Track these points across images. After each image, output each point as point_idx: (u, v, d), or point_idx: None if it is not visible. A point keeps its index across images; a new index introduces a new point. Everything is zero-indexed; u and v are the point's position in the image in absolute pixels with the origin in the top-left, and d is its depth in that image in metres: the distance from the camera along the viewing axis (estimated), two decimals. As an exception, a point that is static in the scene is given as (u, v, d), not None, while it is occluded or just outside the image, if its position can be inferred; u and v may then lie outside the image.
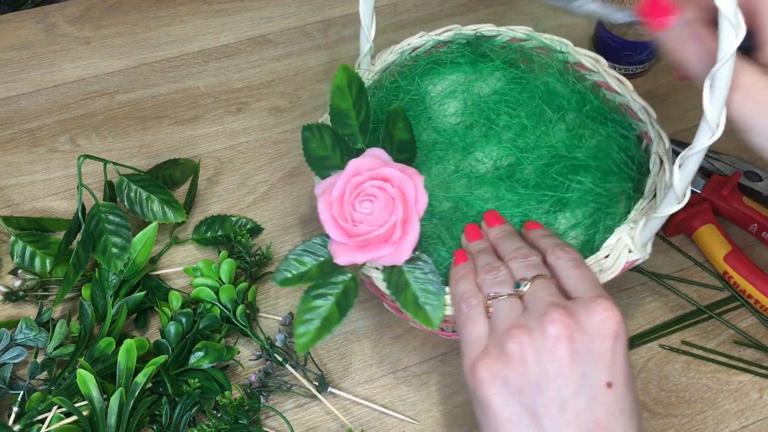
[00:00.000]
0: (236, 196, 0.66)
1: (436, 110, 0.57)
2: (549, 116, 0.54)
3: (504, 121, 0.54)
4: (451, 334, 0.55)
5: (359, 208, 0.45)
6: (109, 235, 0.57)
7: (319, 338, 0.45)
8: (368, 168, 0.46)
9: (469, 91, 0.57)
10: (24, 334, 0.54)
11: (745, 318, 0.59)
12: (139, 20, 0.79)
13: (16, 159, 0.69)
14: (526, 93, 0.56)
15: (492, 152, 0.54)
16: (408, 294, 0.46)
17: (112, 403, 0.49)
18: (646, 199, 0.50)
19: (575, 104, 0.55)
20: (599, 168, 0.52)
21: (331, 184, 0.47)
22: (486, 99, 0.56)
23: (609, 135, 0.54)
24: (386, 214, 0.45)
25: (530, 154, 0.53)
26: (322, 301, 0.46)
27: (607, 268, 0.48)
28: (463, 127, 0.55)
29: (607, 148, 0.53)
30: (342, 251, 0.46)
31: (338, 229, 0.46)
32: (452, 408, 0.55)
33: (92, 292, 0.56)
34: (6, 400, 0.54)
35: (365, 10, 0.52)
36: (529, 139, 0.53)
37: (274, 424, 0.54)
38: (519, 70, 0.58)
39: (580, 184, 0.51)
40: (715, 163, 0.67)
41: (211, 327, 0.55)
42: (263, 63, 0.76)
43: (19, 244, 0.58)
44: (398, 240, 0.45)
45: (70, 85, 0.74)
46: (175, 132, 0.71)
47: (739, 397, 0.56)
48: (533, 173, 0.52)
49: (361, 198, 0.45)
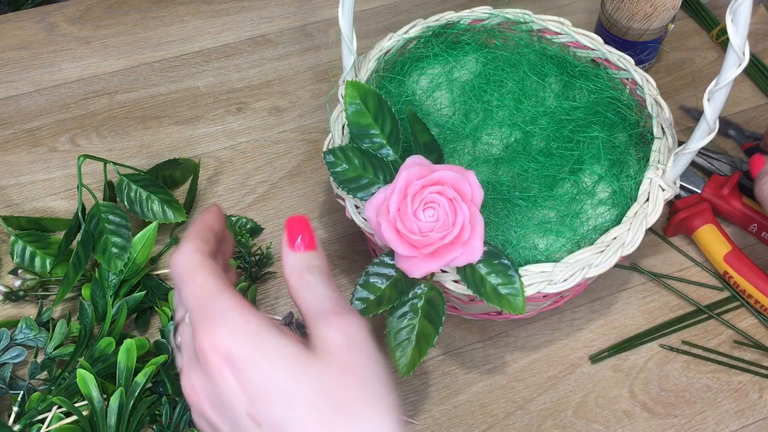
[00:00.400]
0: (236, 196, 0.66)
1: (429, 106, 0.57)
2: (536, 85, 0.56)
3: (496, 101, 0.56)
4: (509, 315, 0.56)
5: (424, 217, 0.44)
6: (109, 235, 0.57)
7: (422, 356, 0.44)
8: (419, 176, 0.45)
9: (453, 81, 0.58)
10: (24, 334, 0.54)
11: (745, 318, 0.59)
12: (139, 20, 0.79)
13: (16, 159, 0.69)
14: (506, 69, 0.57)
15: (497, 133, 0.55)
16: (487, 287, 0.45)
17: (112, 403, 0.49)
18: (661, 139, 0.52)
19: (556, 68, 0.57)
20: (603, 122, 0.54)
21: (383, 202, 0.45)
22: (471, 84, 0.57)
23: (598, 89, 0.55)
24: (452, 216, 0.44)
25: (534, 125, 0.54)
26: (409, 320, 0.45)
27: (651, 212, 0.49)
28: (461, 116, 0.56)
29: (601, 102, 0.55)
30: (415, 264, 0.45)
31: (406, 244, 0.44)
32: (452, 408, 0.55)
33: (92, 292, 0.56)
34: (6, 400, 0.54)
35: (345, 22, 0.50)
36: (527, 111, 0.55)
37: (274, 424, 0.54)
38: (491, 48, 0.59)
39: (595, 139, 0.53)
40: (715, 163, 0.67)
41: (211, 327, 0.55)
42: (263, 63, 0.76)
43: (19, 244, 0.58)
44: (468, 239, 0.45)
45: (70, 85, 0.74)
46: (175, 132, 0.71)
47: (739, 397, 0.56)
48: (544, 141, 0.53)
49: (423, 207, 0.44)
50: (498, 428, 0.54)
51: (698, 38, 0.79)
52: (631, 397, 0.56)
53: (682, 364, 0.57)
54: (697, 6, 0.80)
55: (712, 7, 0.80)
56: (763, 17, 0.81)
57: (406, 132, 0.52)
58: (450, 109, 0.57)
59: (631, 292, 0.61)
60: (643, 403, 0.55)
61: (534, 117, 0.54)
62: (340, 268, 0.62)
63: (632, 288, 0.61)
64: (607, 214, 0.51)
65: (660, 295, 0.60)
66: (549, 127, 0.54)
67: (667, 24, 0.69)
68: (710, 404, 0.55)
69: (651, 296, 0.61)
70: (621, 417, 0.55)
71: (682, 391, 0.56)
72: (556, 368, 0.57)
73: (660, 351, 0.58)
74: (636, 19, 0.68)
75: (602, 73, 0.57)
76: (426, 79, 0.58)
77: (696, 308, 0.60)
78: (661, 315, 0.60)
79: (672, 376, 0.57)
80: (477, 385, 0.56)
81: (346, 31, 0.51)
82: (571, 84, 0.56)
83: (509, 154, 0.53)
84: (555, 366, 0.57)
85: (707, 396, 0.56)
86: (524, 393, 0.56)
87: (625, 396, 0.56)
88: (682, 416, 0.55)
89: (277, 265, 0.62)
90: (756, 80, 0.75)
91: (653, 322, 0.59)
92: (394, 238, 0.44)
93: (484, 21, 0.60)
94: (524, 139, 0.54)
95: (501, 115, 0.55)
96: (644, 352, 0.58)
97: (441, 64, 0.59)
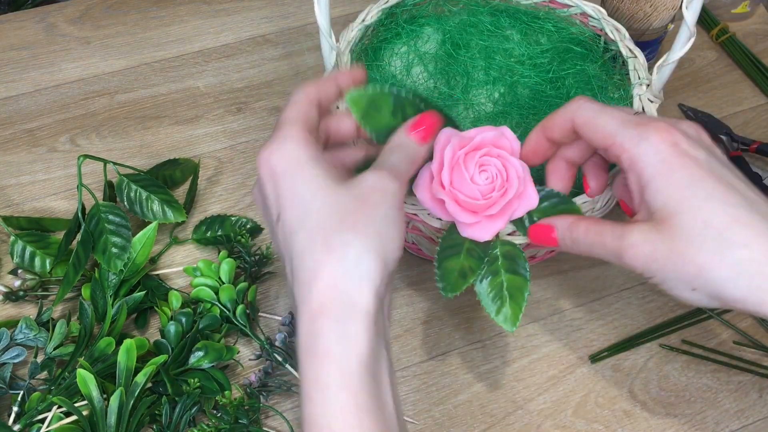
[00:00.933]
0: (236, 196, 0.66)
1: (414, 82, 0.59)
2: (501, 39, 0.59)
3: (470, 61, 0.59)
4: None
5: (482, 181, 0.45)
6: (109, 235, 0.57)
7: (521, 307, 0.45)
8: (460, 146, 0.45)
9: (423, 55, 0.60)
10: (24, 334, 0.54)
11: (745, 318, 0.59)
12: (139, 20, 0.79)
13: (16, 159, 0.69)
14: (468, 30, 0.60)
15: (483, 91, 0.58)
16: None
17: (112, 403, 0.49)
18: (634, 57, 0.57)
19: (510, 19, 0.61)
20: (575, 56, 0.58)
21: (432, 180, 0.45)
22: (440, 53, 0.59)
23: (557, 29, 0.60)
24: (505, 172, 0.45)
25: (515, 75, 0.58)
26: (494, 279, 0.46)
27: None
28: (444, 85, 0.58)
29: (565, 38, 0.59)
30: (482, 228, 0.46)
31: (468, 212, 0.45)
32: (452, 408, 0.55)
33: (92, 292, 0.56)
34: (6, 400, 0.54)
35: (323, 17, 0.49)
36: (502, 64, 0.58)
37: (274, 424, 0.54)
38: (445, 16, 0.61)
39: (577, 72, 0.57)
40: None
41: (211, 327, 0.55)
42: (263, 63, 0.76)
43: (19, 244, 0.58)
44: (524, 189, 0.46)
45: (70, 85, 0.74)
46: (175, 132, 0.71)
47: (739, 397, 0.56)
48: (528, 88, 0.57)
49: (478, 171, 0.45)
50: (498, 428, 0.54)
51: (698, 38, 0.79)
52: (631, 396, 0.56)
53: (682, 363, 0.57)
54: (697, 6, 0.80)
55: (712, 7, 0.80)
56: (763, 17, 0.81)
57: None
58: (432, 81, 0.58)
59: (631, 292, 0.61)
60: (643, 402, 0.55)
61: (510, 68, 0.58)
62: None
63: (632, 288, 0.61)
64: None
65: (660, 295, 0.60)
66: (528, 72, 0.57)
67: (667, 24, 0.69)
68: (710, 404, 0.55)
69: (651, 296, 0.61)
70: (621, 417, 0.55)
71: (682, 391, 0.56)
72: (556, 368, 0.57)
73: (660, 351, 0.58)
74: (636, 19, 0.68)
75: (552, 15, 0.61)
76: (398, 59, 0.60)
77: (696, 308, 0.60)
78: (661, 315, 0.60)
79: (672, 376, 0.57)
80: (477, 385, 0.56)
81: (324, 27, 0.51)
82: (530, 30, 0.60)
83: (503, 107, 0.56)
84: (555, 366, 0.57)
85: (707, 396, 0.56)
86: (524, 393, 0.56)
87: (625, 396, 0.56)
88: (682, 416, 0.55)
89: (277, 265, 0.62)
90: (756, 80, 0.75)
91: (653, 321, 0.59)
92: (457, 209, 0.45)
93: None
94: (510, 90, 0.57)
95: (479, 75, 0.58)
96: (644, 351, 0.58)
97: (406, 42, 0.60)
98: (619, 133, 0.39)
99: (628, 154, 0.39)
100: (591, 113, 0.41)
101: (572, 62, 0.58)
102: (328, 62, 0.54)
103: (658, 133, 0.38)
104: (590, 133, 0.41)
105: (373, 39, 0.61)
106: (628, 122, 0.39)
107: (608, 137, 0.40)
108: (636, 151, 0.39)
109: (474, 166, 0.45)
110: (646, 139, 0.38)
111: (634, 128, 0.39)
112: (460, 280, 0.45)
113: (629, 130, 0.39)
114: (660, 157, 0.38)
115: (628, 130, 0.39)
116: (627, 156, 0.39)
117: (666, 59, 0.51)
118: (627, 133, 0.39)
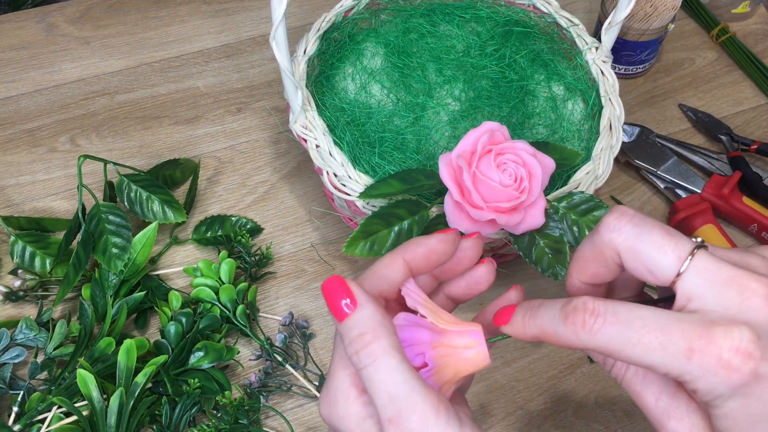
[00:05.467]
0: (236, 196, 0.66)
1: (374, 103, 0.58)
2: (441, 37, 0.60)
3: (429, 65, 0.59)
4: None
5: (505, 180, 0.46)
6: (109, 235, 0.57)
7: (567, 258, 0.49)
8: (471, 150, 0.46)
9: (372, 73, 0.59)
10: (24, 334, 0.54)
11: (745, 318, 0.59)
12: (139, 20, 0.79)
13: (16, 159, 0.69)
14: (407, 37, 0.60)
15: (444, 92, 0.58)
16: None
17: (112, 403, 0.49)
18: (576, 25, 0.60)
19: (443, 15, 0.61)
20: (521, 37, 0.60)
21: (455, 191, 0.46)
22: (388, 66, 0.59)
23: (490, 14, 0.62)
24: (523, 169, 0.46)
25: (467, 68, 0.59)
26: (543, 252, 0.49)
27: (611, 84, 0.57)
28: (406, 94, 0.58)
29: (510, 22, 0.61)
30: (523, 222, 0.47)
31: (508, 213, 0.46)
32: (452, 408, 0.55)
33: (92, 292, 0.56)
34: (6, 400, 0.54)
35: (283, 57, 0.47)
36: (452, 60, 0.59)
37: (274, 424, 0.54)
38: (378, 29, 0.61)
39: (528, 53, 0.59)
40: (715, 163, 0.67)
41: (211, 327, 0.55)
42: (263, 63, 0.76)
43: (19, 244, 0.58)
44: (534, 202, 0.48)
45: (70, 85, 0.74)
46: (175, 132, 0.71)
47: (739, 397, 0.56)
48: (486, 78, 0.58)
49: (502, 171, 0.46)
50: (498, 428, 0.54)
51: (698, 38, 0.79)
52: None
53: (682, 364, 0.57)
54: (697, 6, 0.80)
55: (712, 7, 0.80)
56: (763, 17, 0.81)
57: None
58: (392, 95, 0.58)
59: (631, 292, 0.61)
60: (643, 403, 0.55)
61: (460, 62, 0.59)
62: (342, 268, 0.62)
63: (632, 288, 0.61)
64: (578, 107, 0.58)
65: (660, 295, 0.60)
66: (481, 62, 0.58)
67: (667, 24, 0.69)
68: (710, 404, 0.55)
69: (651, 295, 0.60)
70: (621, 417, 0.55)
71: (682, 391, 0.56)
72: (556, 368, 0.57)
73: (660, 351, 0.58)
74: (636, 19, 0.68)
75: (481, 2, 0.63)
76: (351, 82, 0.59)
77: (696, 308, 0.60)
78: (661, 315, 0.60)
79: (672, 376, 0.56)
80: (477, 385, 0.56)
81: (286, 66, 0.48)
82: (465, 22, 0.61)
83: (471, 103, 0.57)
84: (555, 366, 0.57)
85: (707, 396, 0.56)
86: (524, 393, 0.56)
87: (625, 396, 0.56)
88: (682, 416, 0.55)
89: (277, 265, 0.62)
90: (756, 80, 0.75)
91: (653, 322, 0.59)
92: (492, 213, 0.46)
93: (354, 8, 0.61)
94: (470, 86, 0.58)
95: (435, 77, 0.58)
96: (644, 352, 0.58)
97: (353, 63, 0.59)
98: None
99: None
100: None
101: (517, 42, 0.60)
102: (296, 104, 0.53)
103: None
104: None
105: (321, 67, 0.59)
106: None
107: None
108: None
109: (497, 163, 0.46)
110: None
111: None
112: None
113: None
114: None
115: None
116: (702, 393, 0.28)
117: (613, 19, 0.54)
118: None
